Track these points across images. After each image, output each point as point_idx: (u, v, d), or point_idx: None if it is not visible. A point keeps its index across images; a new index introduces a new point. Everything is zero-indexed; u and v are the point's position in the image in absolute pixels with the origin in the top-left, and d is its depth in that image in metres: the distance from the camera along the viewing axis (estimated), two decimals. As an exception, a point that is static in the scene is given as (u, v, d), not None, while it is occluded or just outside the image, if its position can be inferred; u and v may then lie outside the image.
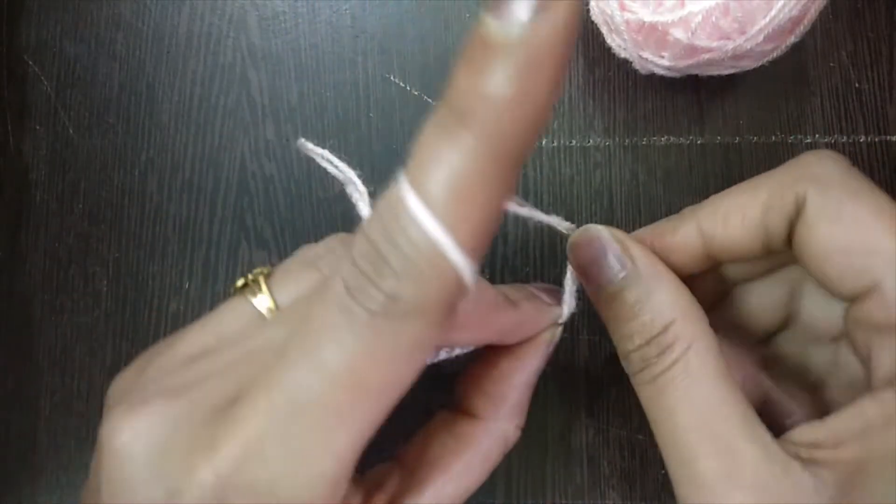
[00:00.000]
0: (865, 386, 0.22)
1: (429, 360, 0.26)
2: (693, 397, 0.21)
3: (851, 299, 0.22)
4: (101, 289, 0.33)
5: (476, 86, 0.14)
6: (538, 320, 0.24)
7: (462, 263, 0.15)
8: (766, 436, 0.21)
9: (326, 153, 0.25)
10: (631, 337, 0.23)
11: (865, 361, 0.22)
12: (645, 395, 0.23)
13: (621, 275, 0.23)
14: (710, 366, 0.22)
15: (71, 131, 0.34)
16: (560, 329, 0.25)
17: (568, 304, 0.25)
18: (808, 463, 0.20)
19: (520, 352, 0.24)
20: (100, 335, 0.33)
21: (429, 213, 0.15)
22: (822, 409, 0.24)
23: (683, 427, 0.21)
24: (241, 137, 0.34)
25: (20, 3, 0.35)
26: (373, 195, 0.32)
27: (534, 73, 0.14)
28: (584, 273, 0.24)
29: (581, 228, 0.24)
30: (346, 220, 0.33)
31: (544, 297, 0.25)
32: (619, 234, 0.24)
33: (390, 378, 0.16)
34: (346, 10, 0.35)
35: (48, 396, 0.33)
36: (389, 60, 0.34)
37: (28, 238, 0.34)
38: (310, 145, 0.25)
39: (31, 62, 0.35)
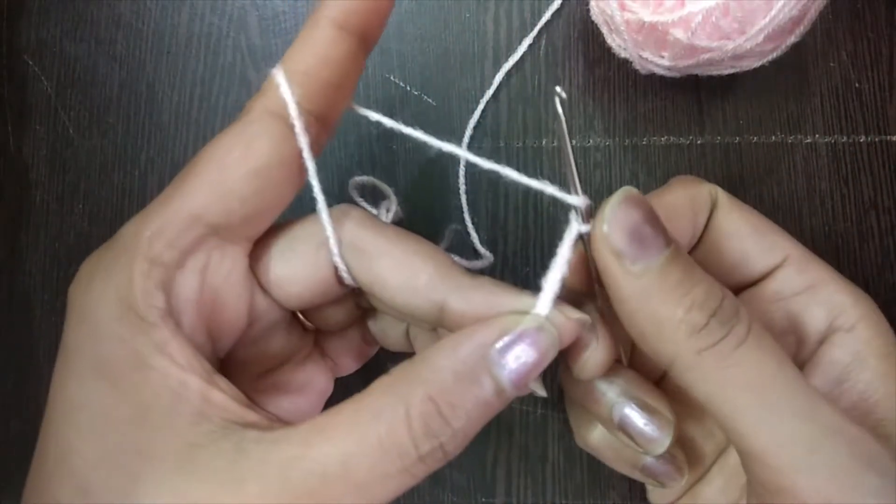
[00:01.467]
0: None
1: None
2: (771, 358, 0.21)
3: (761, 278, 0.25)
4: (101, 289, 0.33)
5: None
6: (495, 296, 0.22)
7: (281, 79, 0.22)
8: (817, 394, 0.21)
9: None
10: (704, 302, 0.21)
11: (787, 331, 0.25)
12: (723, 366, 0.20)
13: (671, 241, 0.21)
14: (764, 327, 0.21)
15: (71, 131, 0.34)
16: (532, 320, 0.21)
17: (545, 293, 0.21)
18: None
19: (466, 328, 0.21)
20: (100, 335, 0.33)
21: (280, 70, 0.22)
22: None
23: (767, 386, 0.20)
24: (241, 137, 0.34)
25: (20, 3, 0.35)
26: (371, 195, 0.32)
27: None
28: (637, 235, 0.21)
29: (622, 190, 0.22)
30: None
31: (526, 292, 0.23)
32: None
33: (245, 155, 0.21)
34: (346, 10, 0.35)
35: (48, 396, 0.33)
36: (389, 60, 0.34)
37: (28, 238, 0.34)
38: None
39: (31, 62, 0.35)
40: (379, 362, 0.31)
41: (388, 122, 0.24)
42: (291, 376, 0.26)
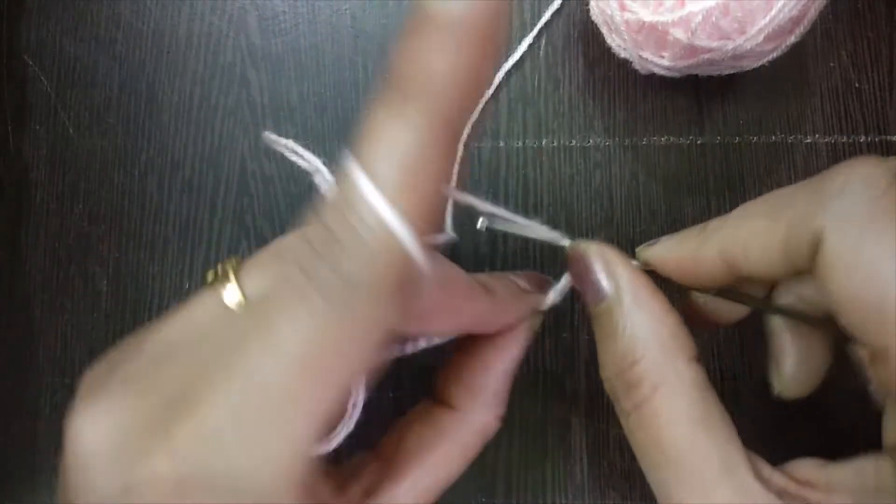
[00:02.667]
0: None
1: (409, 350, 0.26)
2: (663, 440, 0.21)
3: (870, 352, 0.21)
4: (101, 289, 0.33)
5: (418, 62, 0.15)
6: (516, 308, 0.24)
7: (410, 241, 0.15)
8: (746, 477, 0.20)
9: (291, 143, 0.24)
10: (605, 364, 0.23)
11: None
12: (623, 425, 0.22)
13: (604, 297, 0.23)
14: (679, 409, 0.21)
15: (71, 131, 0.34)
16: (541, 317, 0.25)
17: (554, 293, 0.25)
18: (795, 500, 0.20)
19: (499, 341, 0.24)
20: (100, 335, 0.33)
21: (378, 193, 0.15)
22: None
23: (658, 466, 0.21)
24: (241, 137, 0.34)
25: (20, 3, 0.35)
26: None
27: (474, 47, 0.15)
28: (576, 287, 0.24)
29: (573, 243, 0.24)
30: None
31: (522, 283, 0.25)
32: (611, 253, 0.23)
33: (347, 361, 0.16)
34: (346, 10, 0.35)
35: (48, 396, 0.33)
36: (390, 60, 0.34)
37: (28, 238, 0.34)
38: (273, 136, 0.25)
39: (31, 62, 0.35)
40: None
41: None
42: None
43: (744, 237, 0.22)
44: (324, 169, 0.25)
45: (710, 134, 0.33)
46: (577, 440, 0.32)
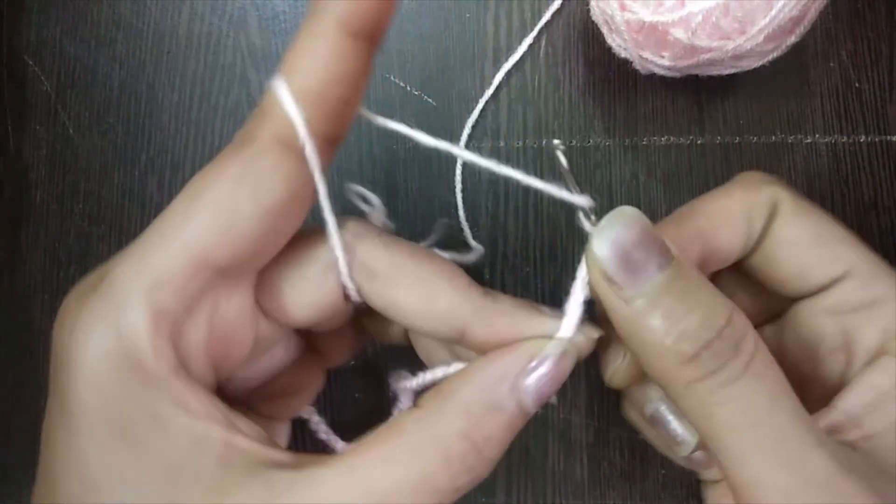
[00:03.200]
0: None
1: (429, 378, 0.24)
2: (779, 388, 0.20)
3: (819, 290, 0.24)
4: (101, 289, 0.33)
5: None
6: (518, 321, 0.22)
7: (290, 104, 0.20)
8: (823, 434, 0.20)
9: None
10: (696, 332, 0.20)
11: (839, 347, 0.24)
12: (711, 401, 0.20)
13: (669, 263, 0.20)
14: (773, 361, 0.20)
15: (71, 131, 0.34)
16: (556, 345, 0.21)
17: (569, 317, 0.21)
18: (842, 445, 0.20)
19: (491, 353, 0.22)
20: (100, 335, 0.33)
21: (282, 81, 0.21)
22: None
23: (754, 429, 0.20)
24: (241, 137, 0.34)
25: (20, 3, 0.35)
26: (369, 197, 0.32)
27: None
28: (626, 260, 0.20)
29: (616, 210, 0.21)
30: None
31: (545, 308, 0.23)
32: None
33: (257, 193, 0.19)
34: (346, 10, 0.35)
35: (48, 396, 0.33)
36: (389, 60, 0.34)
37: (28, 238, 0.34)
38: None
39: (31, 62, 0.35)
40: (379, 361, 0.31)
41: (395, 126, 0.23)
42: (288, 381, 0.26)
43: (713, 209, 0.24)
44: (380, 208, 0.26)
45: (710, 134, 0.33)
46: (577, 440, 0.32)
